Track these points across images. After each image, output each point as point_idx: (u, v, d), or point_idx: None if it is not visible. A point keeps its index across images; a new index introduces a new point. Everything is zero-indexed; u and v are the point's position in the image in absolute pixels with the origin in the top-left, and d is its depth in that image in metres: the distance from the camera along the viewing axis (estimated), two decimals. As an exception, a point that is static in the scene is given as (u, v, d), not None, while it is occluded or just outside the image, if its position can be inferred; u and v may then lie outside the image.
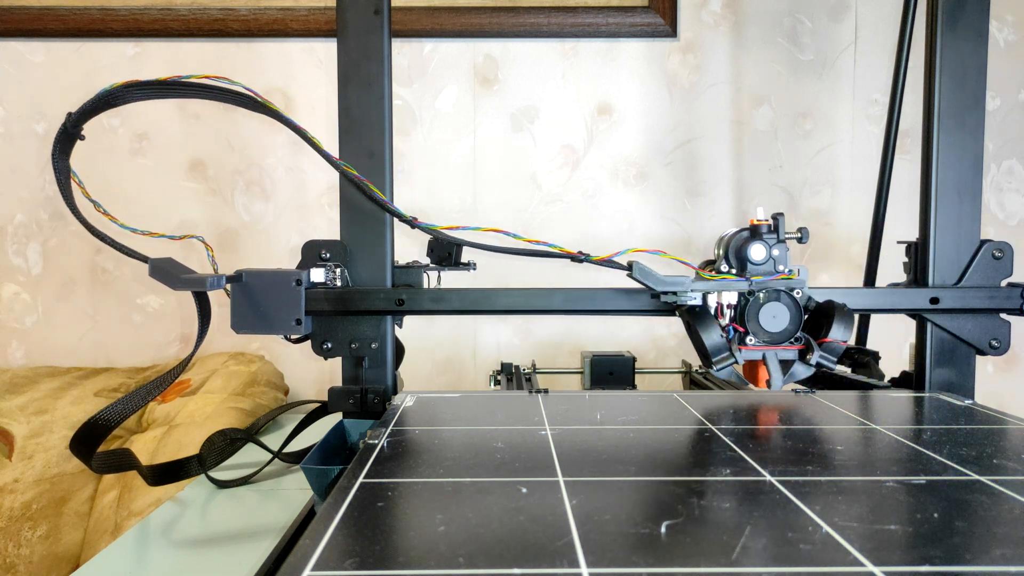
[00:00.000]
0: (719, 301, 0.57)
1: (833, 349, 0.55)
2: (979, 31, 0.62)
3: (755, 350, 0.56)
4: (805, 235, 0.58)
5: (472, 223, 1.15)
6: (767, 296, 0.56)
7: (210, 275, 0.51)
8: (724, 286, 0.56)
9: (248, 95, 0.54)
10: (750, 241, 0.57)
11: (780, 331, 0.56)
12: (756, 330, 0.56)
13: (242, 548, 0.50)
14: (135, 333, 1.16)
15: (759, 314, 0.56)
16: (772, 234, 0.57)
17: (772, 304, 0.56)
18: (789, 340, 0.56)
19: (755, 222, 0.57)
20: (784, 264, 0.57)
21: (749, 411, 0.52)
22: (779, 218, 0.57)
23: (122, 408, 0.51)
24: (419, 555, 0.27)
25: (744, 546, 0.28)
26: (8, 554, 0.77)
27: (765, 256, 0.56)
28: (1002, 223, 1.14)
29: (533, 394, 0.59)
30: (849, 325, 0.56)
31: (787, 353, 0.56)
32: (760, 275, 0.56)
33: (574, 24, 1.11)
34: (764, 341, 0.56)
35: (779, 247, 0.57)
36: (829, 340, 0.55)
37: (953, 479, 0.36)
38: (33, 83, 1.13)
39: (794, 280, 0.57)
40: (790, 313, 0.56)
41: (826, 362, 0.55)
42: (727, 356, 0.55)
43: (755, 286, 0.56)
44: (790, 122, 1.14)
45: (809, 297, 0.58)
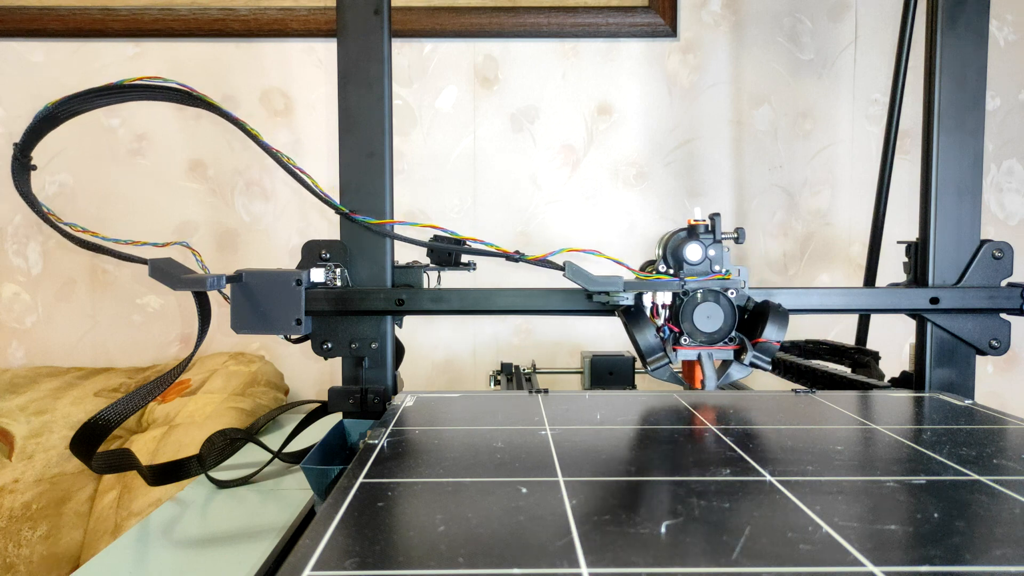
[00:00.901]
0: (654, 301, 0.57)
1: (767, 349, 0.55)
2: (979, 31, 0.62)
3: (690, 350, 0.56)
4: (742, 235, 0.58)
5: (472, 223, 1.15)
6: (701, 296, 0.56)
7: (210, 275, 0.51)
8: (656, 286, 0.56)
9: (183, 90, 0.54)
10: (687, 241, 0.57)
11: (715, 331, 0.56)
12: (691, 330, 0.56)
13: (242, 548, 0.50)
14: (135, 333, 1.16)
15: (693, 314, 0.56)
16: (709, 234, 0.57)
17: (706, 304, 0.56)
18: (724, 340, 0.56)
19: (692, 222, 0.57)
20: (721, 264, 0.57)
21: (749, 411, 0.52)
22: (715, 218, 0.58)
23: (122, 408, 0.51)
24: (419, 555, 0.27)
25: (744, 546, 0.28)
26: (8, 554, 0.77)
27: (701, 256, 0.57)
28: (1002, 223, 1.14)
29: (533, 394, 0.59)
30: (783, 325, 0.56)
31: (724, 353, 0.56)
32: (696, 275, 0.57)
33: (574, 24, 1.11)
34: (699, 341, 0.56)
35: (716, 247, 0.57)
36: (763, 340, 0.55)
37: (953, 479, 0.36)
38: (33, 83, 1.13)
39: (730, 280, 0.57)
40: (724, 313, 0.56)
41: (760, 362, 0.55)
42: (661, 356, 0.55)
43: (689, 286, 0.56)
44: (790, 122, 1.14)
45: (748, 297, 0.58)
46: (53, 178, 1.14)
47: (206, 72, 1.14)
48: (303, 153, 1.14)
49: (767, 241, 1.15)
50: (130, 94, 0.55)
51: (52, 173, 1.14)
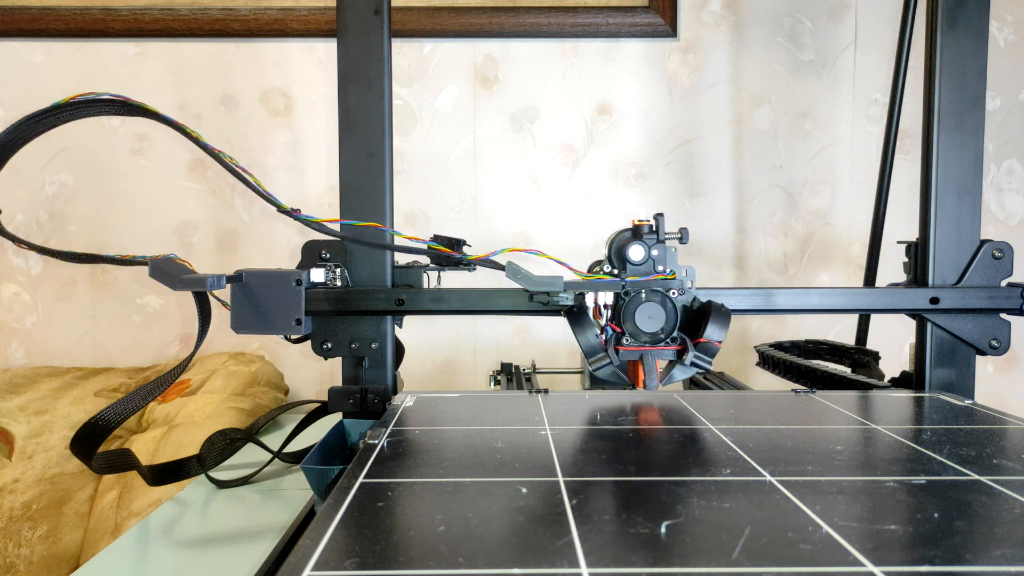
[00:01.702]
0: (596, 302, 0.57)
1: (708, 349, 0.55)
2: (979, 31, 0.62)
3: (632, 350, 0.56)
4: (685, 236, 0.58)
5: (472, 223, 1.15)
6: (642, 297, 0.56)
7: (210, 275, 0.51)
8: (597, 286, 0.56)
9: (120, 101, 0.54)
10: (630, 242, 0.57)
11: (656, 331, 0.56)
12: (632, 330, 0.56)
13: (242, 548, 0.50)
14: (135, 333, 1.16)
15: (635, 314, 0.56)
16: (653, 235, 0.57)
17: (647, 304, 0.56)
18: (666, 340, 0.56)
19: (637, 222, 0.57)
20: (664, 264, 0.57)
21: (749, 411, 0.52)
22: (659, 219, 0.58)
23: (122, 408, 0.51)
24: (419, 555, 0.27)
25: (744, 546, 0.28)
26: (8, 554, 0.77)
27: (644, 256, 0.57)
28: (1002, 223, 1.14)
29: (533, 394, 0.59)
30: (724, 325, 0.56)
31: (668, 353, 0.56)
32: (639, 275, 0.57)
33: (574, 24, 1.11)
34: (643, 341, 0.56)
35: (659, 247, 0.57)
36: (704, 340, 0.55)
37: (953, 479, 0.36)
38: (33, 83, 1.13)
39: (672, 281, 0.57)
40: (666, 313, 0.56)
41: (700, 363, 0.55)
42: (603, 356, 0.55)
43: (629, 286, 0.56)
44: (790, 122, 1.14)
45: (694, 298, 0.58)
46: (53, 178, 1.14)
47: (206, 72, 1.14)
48: (303, 153, 1.14)
49: (767, 241, 1.15)
50: (70, 113, 0.55)
51: (52, 173, 1.14)
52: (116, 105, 0.54)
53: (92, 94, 0.53)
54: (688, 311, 0.58)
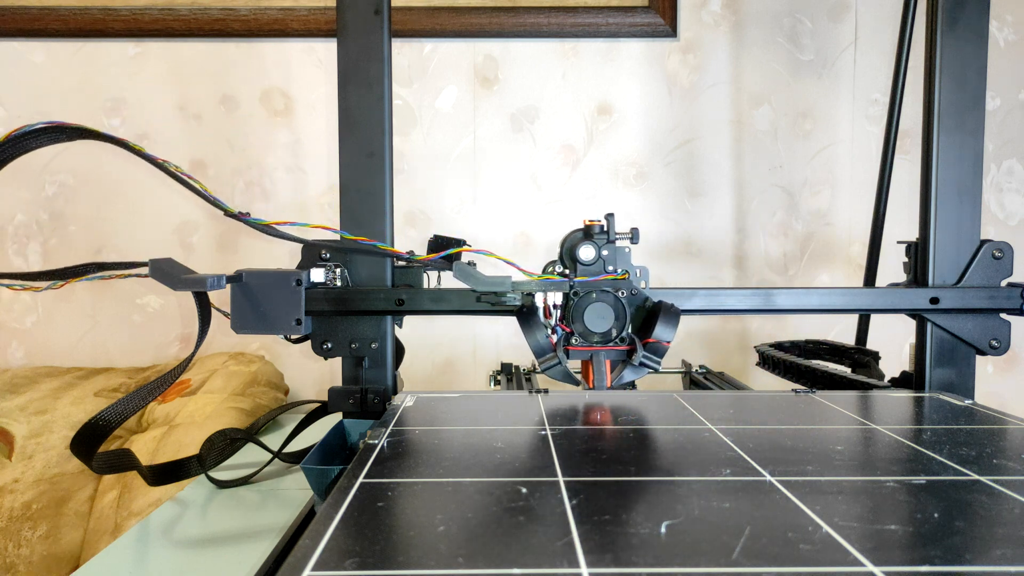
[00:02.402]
0: (546, 302, 0.57)
1: (657, 349, 0.55)
2: (979, 31, 0.62)
3: (582, 350, 0.56)
4: (636, 236, 0.58)
5: (472, 223, 1.15)
6: (591, 297, 0.56)
7: (210, 275, 0.51)
8: (544, 286, 0.56)
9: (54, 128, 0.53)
10: (581, 242, 0.57)
11: (605, 331, 0.56)
12: (581, 330, 0.56)
13: (242, 548, 0.50)
14: (135, 333, 1.16)
15: (583, 315, 0.56)
16: (604, 235, 0.57)
17: (596, 305, 0.56)
18: (615, 340, 0.56)
19: (588, 222, 0.57)
20: (615, 264, 0.57)
21: (749, 411, 0.52)
22: (610, 219, 0.58)
23: (122, 408, 0.51)
24: (419, 555, 0.27)
25: (744, 546, 0.28)
26: (8, 554, 0.77)
27: (594, 256, 0.57)
28: (1002, 223, 1.14)
29: (533, 394, 0.59)
30: (672, 325, 0.56)
31: (617, 354, 0.56)
32: (589, 276, 0.57)
33: (574, 24, 1.11)
34: (593, 341, 0.56)
35: (610, 248, 0.57)
36: (653, 341, 0.55)
37: (953, 479, 0.36)
38: (33, 83, 1.13)
39: (622, 281, 0.57)
40: (615, 313, 0.56)
41: (649, 363, 0.55)
42: (552, 357, 0.55)
43: (577, 286, 0.56)
44: (790, 122, 1.14)
45: (647, 298, 0.58)
46: (53, 178, 1.14)
47: (206, 72, 1.14)
48: (303, 153, 1.14)
49: (767, 241, 1.15)
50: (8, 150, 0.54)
51: (52, 173, 1.14)
52: (53, 133, 0.53)
53: (25, 126, 0.52)
54: (641, 311, 0.58)
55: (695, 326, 1.16)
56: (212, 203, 0.54)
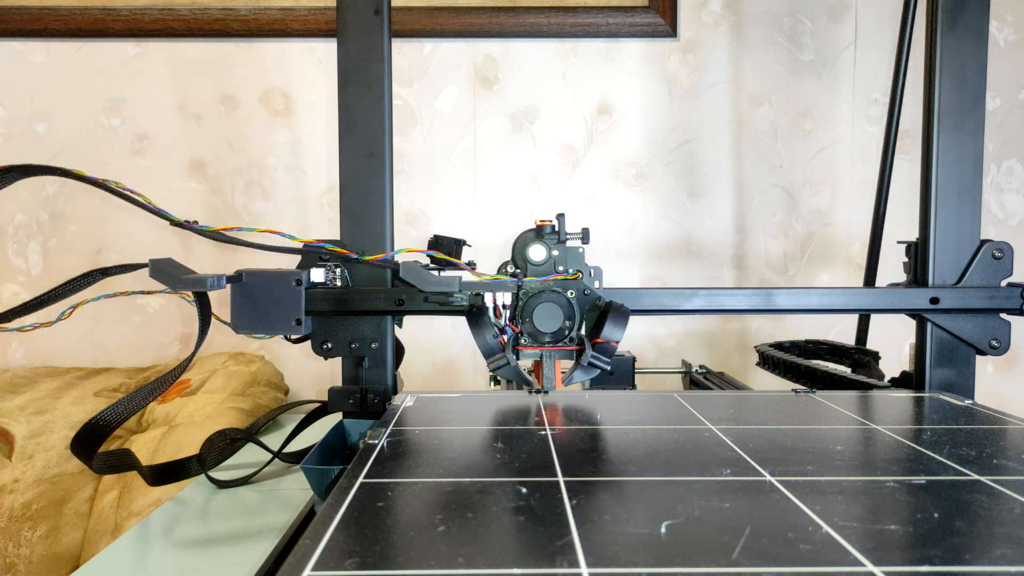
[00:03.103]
0: (496, 302, 0.56)
1: (605, 349, 0.55)
2: (979, 31, 0.62)
3: (531, 351, 0.56)
4: (586, 236, 0.58)
5: (472, 223, 1.15)
6: (540, 297, 0.56)
7: (210, 275, 0.51)
8: (492, 286, 0.56)
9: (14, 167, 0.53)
10: (531, 242, 0.57)
11: (554, 332, 0.56)
12: (531, 330, 0.56)
13: (242, 548, 0.50)
14: (135, 333, 1.16)
15: (532, 315, 0.56)
16: (555, 235, 0.57)
17: (545, 305, 0.56)
18: (564, 341, 0.56)
19: (539, 223, 0.57)
20: (566, 264, 0.57)
21: (749, 411, 0.52)
22: (560, 219, 0.58)
23: (123, 409, 0.51)
24: (419, 555, 0.27)
25: (744, 546, 0.28)
26: (8, 554, 0.77)
27: (544, 257, 0.57)
28: (1002, 223, 1.14)
29: (533, 394, 0.59)
30: (620, 325, 0.55)
31: (566, 354, 0.56)
32: (539, 276, 0.56)
33: (574, 24, 1.11)
34: (543, 342, 0.56)
35: (560, 248, 0.57)
36: (602, 341, 0.55)
37: (953, 479, 0.36)
38: (33, 83, 1.13)
39: (572, 281, 0.56)
40: (563, 314, 0.56)
41: (598, 363, 0.55)
42: (500, 357, 0.55)
43: (526, 286, 0.56)
44: (790, 122, 1.14)
45: (599, 297, 0.58)
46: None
47: (206, 72, 1.14)
48: (303, 153, 1.14)
49: (767, 241, 1.15)
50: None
51: (52, 173, 1.14)
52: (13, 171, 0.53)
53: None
54: (594, 312, 0.58)
55: (695, 326, 1.16)
56: (157, 214, 0.54)
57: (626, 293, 0.61)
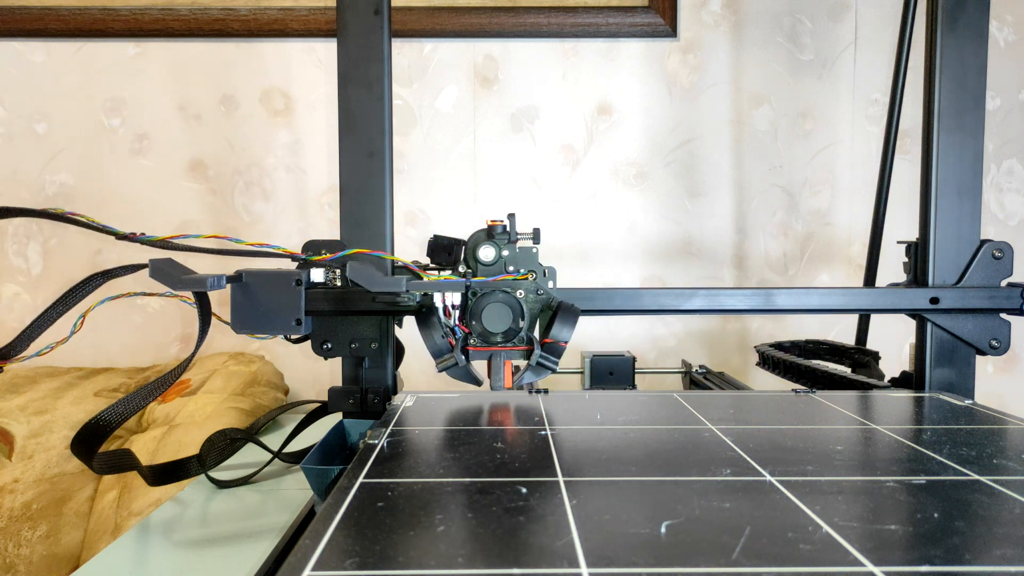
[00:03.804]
0: (445, 302, 0.56)
1: (554, 349, 0.55)
2: (979, 31, 0.62)
3: (480, 351, 0.56)
4: (537, 236, 0.58)
5: (472, 223, 1.15)
6: (488, 297, 0.56)
7: (210, 275, 0.51)
8: (440, 286, 0.55)
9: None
10: (482, 242, 0.57)
11: (503, 332, 0.56)
12: (479, 330, 0.56)
13: (242, 548, 0.50)
14: (135, 333, 1.16)
15: (481, 315, 0.56)
16: (505, 235, 0.57)
17: (493, 305, 0.56)
18: (513, 341, 0.56)
19: (490, 223, 0.57)
20: (517, 264, 0.57)
21: (749, 411, 0.52)
22: (511, 219, 0.58)
23: (123, 409, 0.51)
24: (419, 555, 0.27)
25: (744, 546, 0.28)
26: (8, 554, 0.77)
27: (494, 257, 0.57)
28: (1002, 223, 1.14)
29: (533, 394, 0.59)
30: (569, 324, 0.55)
31: (516, 354, 0.56)
32: (490, 276, 0.56)
33: (574, 24, 1.11)
34: (494, 342, 0.56)
35: (510, 248, 0.57)
36: (551, 341, 0.55)
37: (953, 479, 0.36)
38: (33, 83, 1.13)
39: (522, 281, 0.56)
40: (513, 314, 0.56)
41: (546, 363, 0.55)
42: (449, 357, 0.55)
43: (475, 286, 0.56)
44: (790, 122, 1.14)
45: (552, 298, 0.58)
46: (53, 178, 1.14)
47: (206, 72, 1.14)
48: (303, 153, 1.14)
49: (767, 241, 1.15)
50: None
51: (52, 173, 1.14)
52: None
53: None
54: (547, 312, 0.58)
55: (695, 326, 1.16)
56: (101, 231, 0.54)
57: (586, 293, 0.61)
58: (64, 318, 0.56)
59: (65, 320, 0.56)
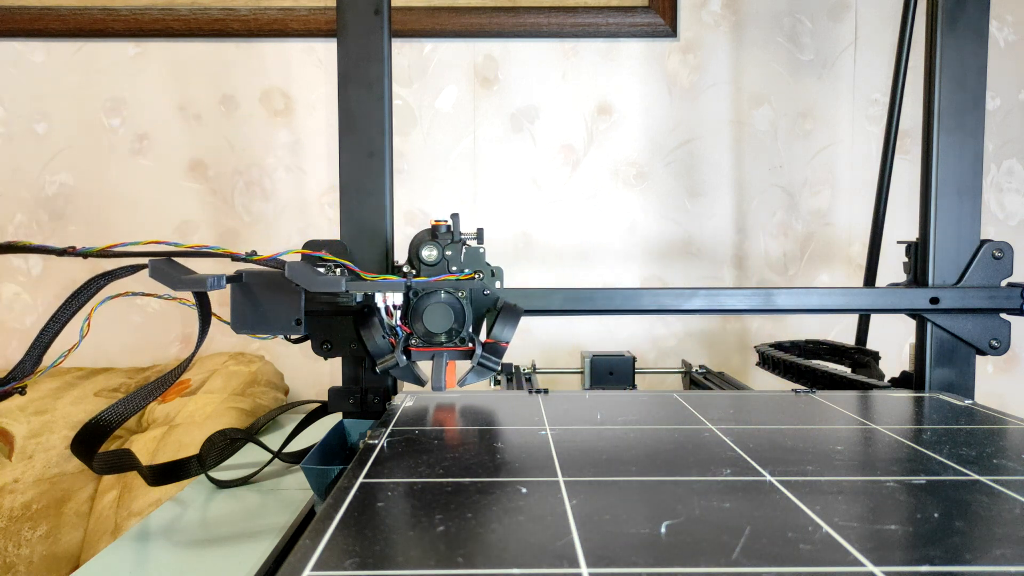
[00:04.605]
0: (387, 302, 0.56)
1: (495, 350, 0.55)
2: (979, 31, 0.62)
3: (422, 351, 0.56)
4: (480, 236, 0.58)
5: (472, 223, 1.15)
6: (429, 297, 0.56)
7: (210, 275, 0.51)
8: (380, 286, 0.54)
9: None
10: (425, 242, 0.57)
11: (444, 332, 0.56)
12: (420, 330, 0.56)
13: (242, 548, 0.50)
14: (135, 333, 1.16)
15: (422, 315, 0.55)
16: (449, 235, 0.57)
17: (434, 305, 0.55)
18: (455, 341, 0.56)
19: (435, 223, 0.57)
20: (460, 264, 0.57)
21: (749, 411, 0.52)
22: (454, 219, 0.58)
23: (123, 409, 0.51)
24: (419, 555, 0.27)
25: (744, 546, 0.28)
26: (8, 554, 0.77)
27: (437, 257, 0.57)
28: (1002, 223, 1.14)
29: (533, 394, 0.59)
30: (510, 324, 0.55)
31: (457, 354, 0.56)
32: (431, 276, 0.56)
33: (574, 24, 1.11)
34: (437, 342, 0.56)
35: (454, 248, 0.57)
36: (492, 341, 0.55)
37: (953, 479, 0.36)
38: (33, 83, 1.13)
39: (465, 281, 0.56)
40: (454, 314, 0.56)
41: (488, 363, 0.55)
42: (390, 357, 0.55)
43: (416, 286, 0.56)
44: (790, 122, 1.14)
45: (498, 298, 0.58)
46: (53, 178, 1.14)
47: (206, 72, 1.14)
48: (303, 153, 1.14)
49: (767, 241, 1.15)
50: None
51: (52, 173, 1.14)
52: None
53: None
54: (493, 312, 0.58)
55: (695, 326, 1.16)
56: (41, 251, 0.54)
57: (585, 293, 0.61)
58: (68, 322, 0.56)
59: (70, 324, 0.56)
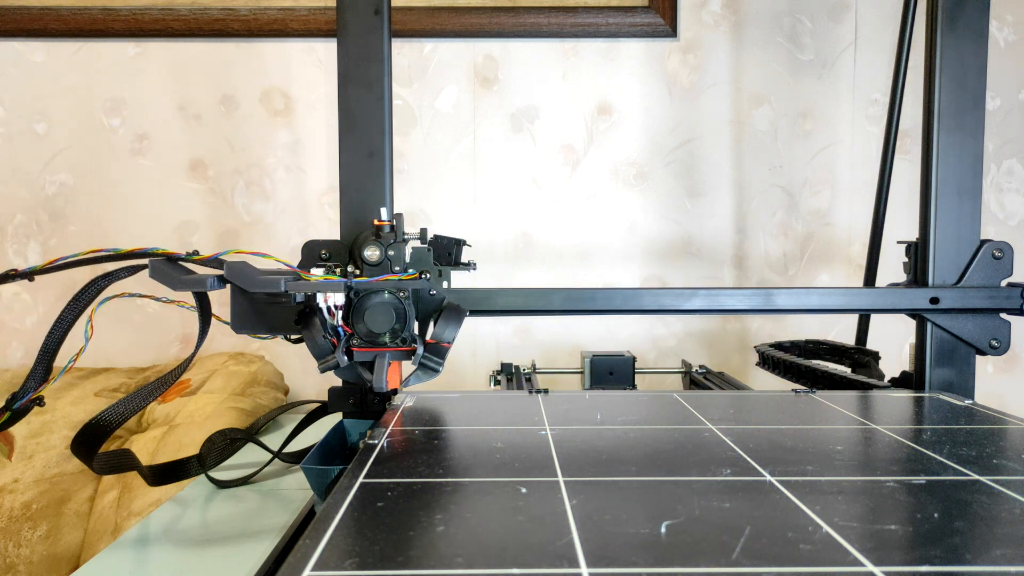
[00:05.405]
0: (327, 303, 0.55)
1: (437, 350, 0.55)
2: (979, 31, 0.62)
3: (364, 351, 0.56)
4: (424, 236, 0.58)
5: (473, 223, 1.15)
6: (370, 298, 0.55)
7: (210, 275, 0.51)
8: (319, 287, 0.54)
9: None
10: (367, 242, 0.56)
11: (386, 332, 0.55)
12: (362, 331, 0.55)
13: (242, 548, 0.50)
14: (135, 333, 1.16)
15: (364, 315, 0.55)
16: (392, 234, 0.57)
17: (375, 305, 0.55)
18: (397, 342, 0.56)
19: (378, 223, 0.57)
20: (403, 264, 0.57)
21: (749, 411, 0.52)
22: (398, 218, 0.57)
23: (123, 409, 0.51)
24: (419, 555, 0.27)
25: (744, 546, 0.28)
26: (8, 554, 0.77)
27: (380, 257, 0.56)
28: (1002, 223, 1.14)
29: (533, 394, 0.59)
30: (452, 324, 0.55)
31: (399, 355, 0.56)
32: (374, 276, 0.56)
33: (574, 24, 1.11)
34: (380, 342, 0.56)
35: (397, 248, 0.57)
36: (433, 341, 0.55)
37: (953, 479, 0.36)
38: (33, 83, 1.13)
39: (407, 281, 0.56)
40: (396, 314, 0.55)
41: (429, 363, 0.55)
42: (331, 358, 0.55)
43: (356, 287, 0.55)
44: (790, 122, 1.14)
45: (443, 299, 0.58)
46: (53, 178, 1.14)
47: (206, 72, 1.14)
48: (303, 153, 1.14)
49: (767, 241, 1.15)
50: None
51: (52, 173, 1.14)
52: None
53: None
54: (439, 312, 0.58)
55: (695, 326, 1.16)
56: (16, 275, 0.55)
57: (585, 293, 0.61)
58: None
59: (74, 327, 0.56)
